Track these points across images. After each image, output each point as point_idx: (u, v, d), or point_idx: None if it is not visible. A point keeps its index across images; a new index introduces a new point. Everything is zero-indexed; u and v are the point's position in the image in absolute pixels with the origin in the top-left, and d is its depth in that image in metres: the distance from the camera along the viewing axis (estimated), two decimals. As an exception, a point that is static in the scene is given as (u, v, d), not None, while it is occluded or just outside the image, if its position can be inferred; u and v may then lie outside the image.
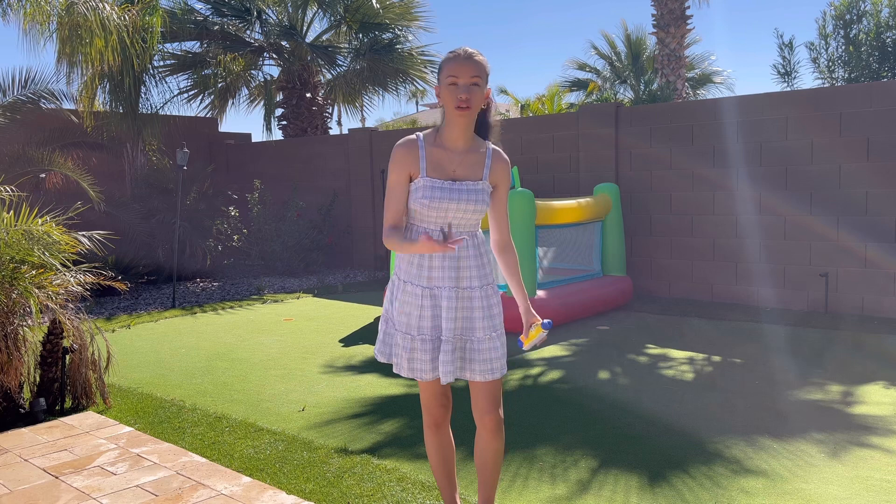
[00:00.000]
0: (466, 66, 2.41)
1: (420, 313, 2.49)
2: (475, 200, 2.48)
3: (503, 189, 2.60)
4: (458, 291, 2.49)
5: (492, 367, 2.50)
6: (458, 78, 2.40)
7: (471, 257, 2.51)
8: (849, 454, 3.46)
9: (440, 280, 2.48)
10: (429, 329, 2.49)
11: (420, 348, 2.48)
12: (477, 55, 2.45)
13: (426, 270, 2.49)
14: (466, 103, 2.40)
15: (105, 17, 7.98)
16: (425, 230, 2.48)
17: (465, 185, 2.48)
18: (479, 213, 2.52)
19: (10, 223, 4.25)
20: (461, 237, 2.37)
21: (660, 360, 5.35)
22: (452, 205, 2.46)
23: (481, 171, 2.52)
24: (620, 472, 3.30)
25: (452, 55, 2.45)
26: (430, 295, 2.49)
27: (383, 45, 12.59)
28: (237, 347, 6.08)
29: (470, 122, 2.48)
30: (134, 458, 3.64)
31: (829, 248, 6.87)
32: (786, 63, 11.65)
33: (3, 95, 9.54)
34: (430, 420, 2.66)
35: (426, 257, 2.48)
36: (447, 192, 2.46)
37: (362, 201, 10.97)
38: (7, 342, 4.09)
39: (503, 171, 2.58)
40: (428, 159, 2.49)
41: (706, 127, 7.50)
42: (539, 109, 17.96)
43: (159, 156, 11.04)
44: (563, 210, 6.76)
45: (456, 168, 2.50)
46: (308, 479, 3.29)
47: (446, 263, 2.47)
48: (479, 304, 2.51)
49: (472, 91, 2.40)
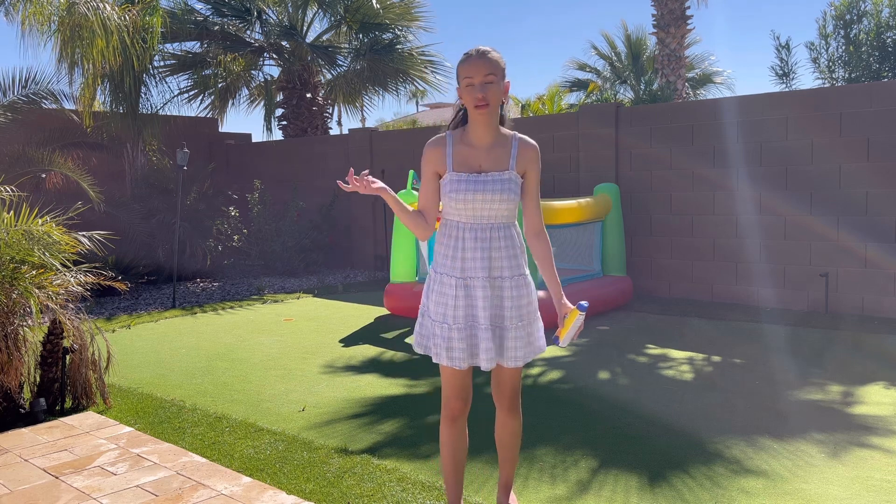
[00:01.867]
0: (479, 65, 2.50)
1: (455, 303, 2.57)
2: (500, 190, 2.55)
3: (532, 176, 2.64)
4: (491, 281, 2.58)
5: (519, 354, 2.60)
6: (472, 78, 2.50)
7: (502, 248, 2.58)
8: (849, 454, 3.46)
9: (473, 270, 2.57)
10: (462, 318, 2.57)
11: (457, 337, 2.56)
12: (490, 53, 2.54)
13: (459, 262, 2.58)
14: (484, 101, 2.49)
15: (106, 17, 7.99)
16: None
17: (491, 175, 2.57)
18: (508, 202, 2.56)
19: (11, 223, 4.25)
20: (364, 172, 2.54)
21: (660, 360, 5.35)
22: (478, 195, 2.54)
23: (507, 162, 2.59)
24: (620, 472, 3.30)
25: (466, 56, 2.56)
26: (464, 285, 2.57)
27: (383, 45, 12.60)
28: (237, 347, 6.08)
29: (491, 118, 2.56)
30: (134, 458, 3.64)
31: (829, 248, 6.87)
32: (783, 64, 11.65)
33: (3, 95, 9.54)
34: (448, 413, 2.69)
35: (459, 249, 2.58)
36: (472, 185, 2.55)
37: (362, 201, 10.96)
38: (7, 342, 4.09)
39: (530, 157, 2.63)
40: (455, 156, 2.59)
41: (706, 127, 7.50)
42: (539, 109, 17.97)
43: (159, 156, 11.04)
44: (564, 210, 6.77)
45: (482, 162, 2.59)
46: (308, 479, 3.29)
47: (479, 255, 2.56)
48: (509, 294, 2.59)
49: (488, 89, 2.49)
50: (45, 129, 9.81)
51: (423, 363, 5.30)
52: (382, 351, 5.81)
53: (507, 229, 2.60)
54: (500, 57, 2.55)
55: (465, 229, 2.58)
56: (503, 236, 2.59)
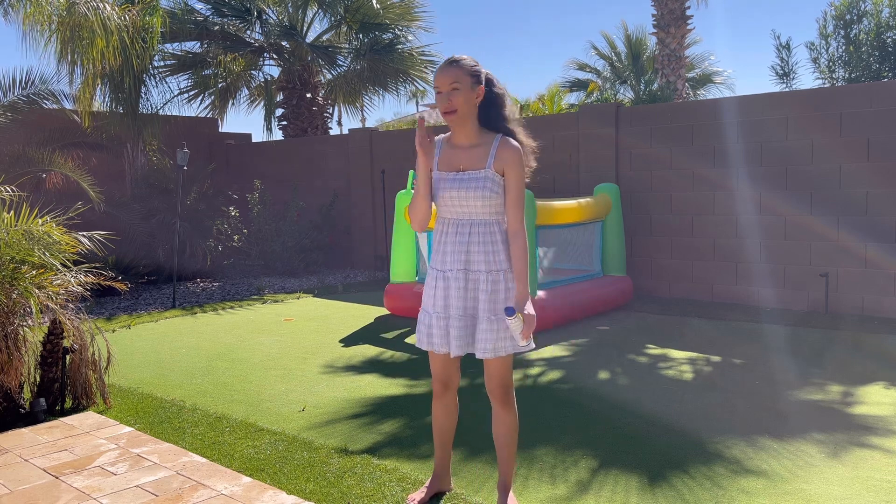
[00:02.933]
0: (444, 75, 2.65)
1: (434, 293, 2.80)
2: (475, 188, 2.69)
3: (511, 176, 2.72)
4: (467, 274, 2.75)
5: (489, 346, 2.71)
6: (440, 87, 2.66)
7: (479, 243, 2.73)
8: (849, 454, 3.46)
9: (451, 263, 2.76)
10: (441, 307, 2.78)
11: (435, 324, 2.78)
12: (459, 61, 2.69)
13: (440, 255, 2.80)
14: (450, 108, 2.65)
15: (105, 17, 7.98)
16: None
17: (468, 174, 2.72)
18: (485, 199, 2.70)
19: (11, 223, 4.25)
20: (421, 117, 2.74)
21: (660, 360, 5.35)
22: (454, 192, 2.72)
23: (485, 161, 2.72)
24: (620, 472, 3.30)
25: (439, 67, 2.71)
26: (443, 276, 2.78)
27: (383, 45, 12.59)
28: (237, 347, 6.08)
29: (464, 122, 2.71)
30: (134, 458, 3.64)
31: (829, 248, 6.87)
32: (784, 64, 11.65)
33: (3, 95, 9.54)
34: (434, 388, 2.97)
35: (442, 243, 2.80)
36: (449, 182, 2.74)
37: (362, 201, 10.97)
38: (7, 342, 4.09)
39: (508, 157, 2.71)
40: (441, 157, 2.80)
41: (706, 127, 7.50)
42: (539, 109, 17.96)
43: (159, 156, 11.03)
44: (564, 210, 6.77)
45: (462, 162, 2.75)
46: (308, 480, 3.29)
47: (457, 248, 2.75)
48: (484, 288, 2.73)
49: (454, 96, 2.64)
50: (45, 129, 9.81)
51: (422, 363, 5.30)
52: (382, 351, 5.81)
53: (489, 226, 2.74)
54: (469, 63, 2.67)
55: (449, 224, 2.79)
56: (482, 232, 2.73)
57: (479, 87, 2.68)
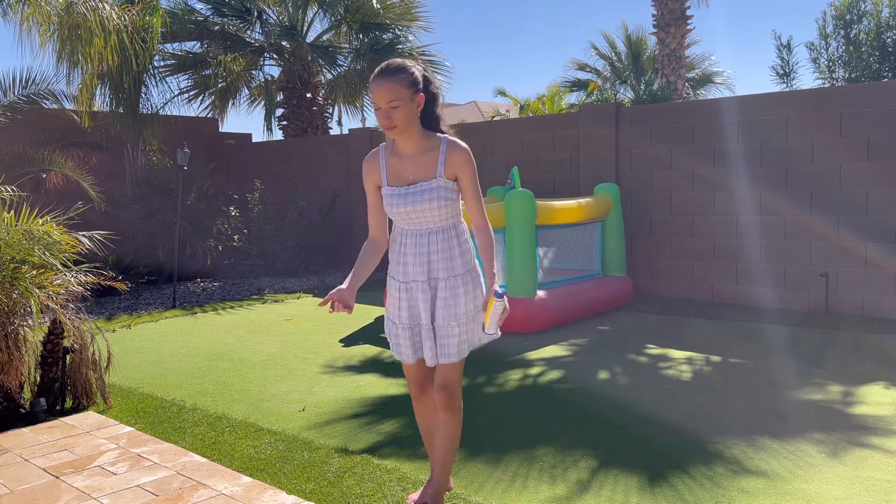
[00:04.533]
0: (380, 91, 2.53)
1: (399, 304, 2.76)
2: (429, 199, 2.64)
3: (465, 179, 2.69)
4: (430, 282, 2.72)
5: (448, 352, 2.71)
6: (378, 104, 2.55)
7: (439, 251, 2.70)
8: (849, 454, 3.46)
9: (413, 274, 2.72)
10: (406, 318, 2.75)
11: (402, 335, 2.76)
12: (393, 75, 2.54)
13: (401, 266, 2.75)
14: (390, 125, 2.55)
15: (105, 17, 7.98)
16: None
17: (420, 186, 2.66)
18: (441, 208, 2.66)
19: (11, 223, 4.25)
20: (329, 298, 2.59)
21: (660, 360, 5.35)
22: (409, 207, 2.66)
23: (435, 169, 2.66)
24: (620, 472, 3.30)
25: (372, 76, 2.58)
26: (406, 288, 2.74)
27: (384, 45, 12.59)
28: (237, 347, 6.08)
29: (405, 134, 2.61)
30: (134, 458, 3.64)
31: (829, 248, 6.87)
32: (784, 64, 11.65)
33: (3, 95, 9.54)
34: (411, 391, 2.98)
35: (402, 254, 2.74)
36: (403, 198, 2.66)
37: (363, 201, 10.95)
38: (7, 342, 4.09)
39: (458, 162, 2.66)
40: (388, 169, 2.71)
41: (706, 127, 7.50)
42: (539, 109, 17.96)
43: (160, 156, 11.04)
44: (564, 210, 6.77)
45: (411, 173, 2.68)
46: (308, 479, 3.29)
47: (418, 259, 2.70)
48: (442, 294, 2.70)
49: (394, 113, 2.53)
50: (45, 129, 9.81)
51: (423, 363, 5.30)
52: (382, 351, 5.82)
53: (446, 231, 2.72)
54: (405, 75, 2.54)
55: (406, 235, 2.74)
56: (441, 239, 2.70)
57: (418, 96, 2.57)
